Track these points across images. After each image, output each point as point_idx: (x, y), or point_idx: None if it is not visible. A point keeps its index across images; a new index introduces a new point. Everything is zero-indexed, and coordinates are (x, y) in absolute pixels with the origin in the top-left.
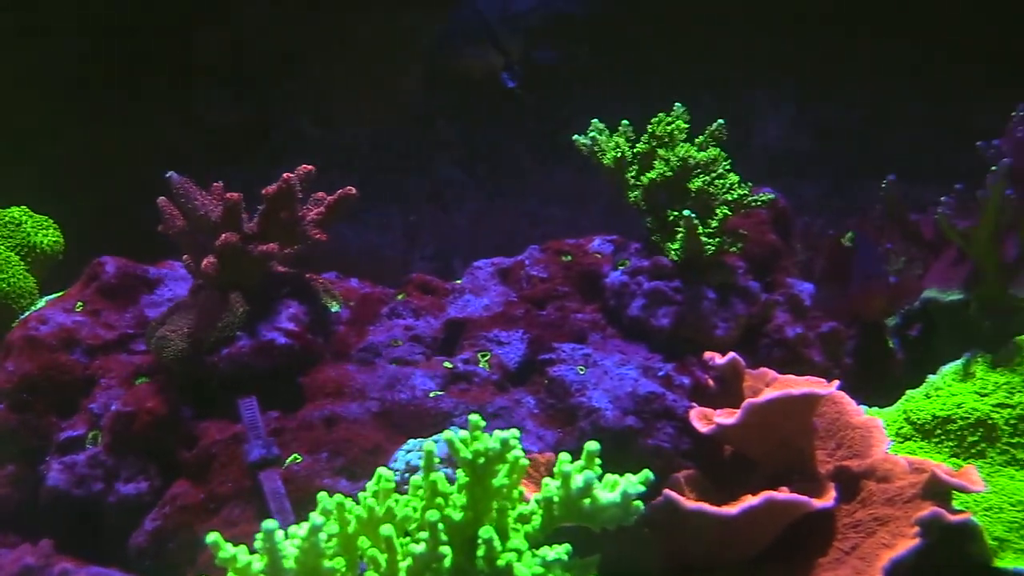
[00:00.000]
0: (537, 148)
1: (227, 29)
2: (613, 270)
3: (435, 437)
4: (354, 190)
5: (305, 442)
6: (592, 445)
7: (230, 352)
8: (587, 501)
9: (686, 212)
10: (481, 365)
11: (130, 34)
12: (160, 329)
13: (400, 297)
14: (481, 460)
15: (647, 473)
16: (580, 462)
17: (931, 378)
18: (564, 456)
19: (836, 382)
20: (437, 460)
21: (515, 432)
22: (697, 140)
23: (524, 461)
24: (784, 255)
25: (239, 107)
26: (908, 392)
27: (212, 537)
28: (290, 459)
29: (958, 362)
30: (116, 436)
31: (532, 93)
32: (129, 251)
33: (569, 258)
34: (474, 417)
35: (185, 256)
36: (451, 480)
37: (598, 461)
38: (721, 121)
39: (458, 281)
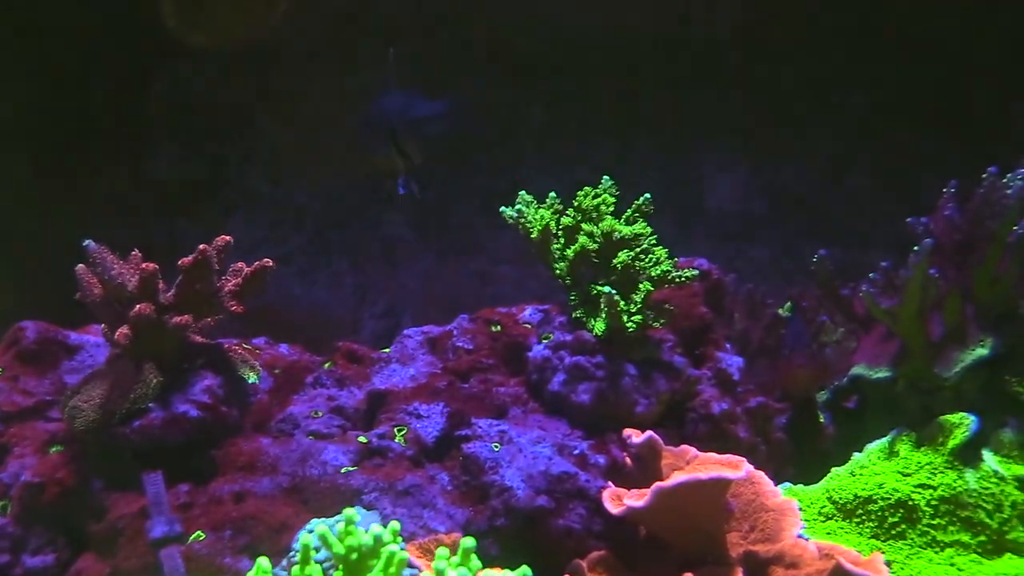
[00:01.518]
0: (488, 207)
1: (178, 85)
2: (538, 343)
3: (309, 527)
4: (271, 262)
5: (212, 518)
6: (468, 541)
7: (142, 424)
8: None
9: (606, 289)
10: (397, 440)
11: (80, 88)
12: (74, 398)
13: (327, 366)
14: (354, 556)
15: (525, 569)
16: (456, 558)
17: (857, 456)
18: (441, 552)
19: (747, 465)
20: (314, 552)
21: (394, 526)
22: (624, 214)
23: (402, 556)
24: (715, 328)
25: (190, 163)
26: (833, 470)
27: None
28: (193, 536)
29: (883, 440)
30: (25, 506)
31: (428, 196)
32: (73, 311)
33: (499, 328)
34: (349, 511)
35: (103, 325)
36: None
37: (474, 557)
38: (647, 196)
39: (387, 350)
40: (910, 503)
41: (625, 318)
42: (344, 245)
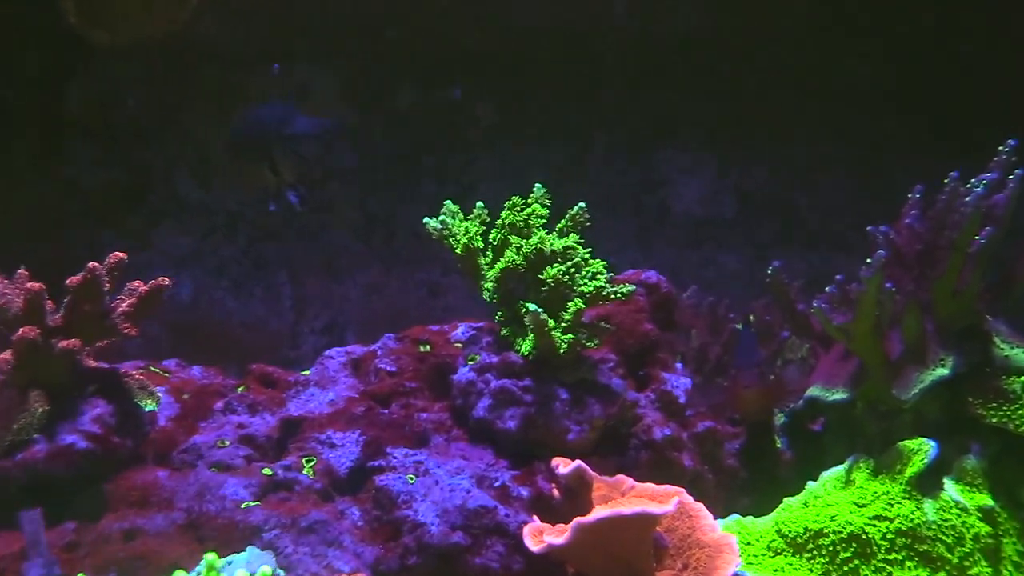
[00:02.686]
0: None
1: (100, 85)
2: (464, 365)
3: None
4: (167, 281)
5: (98, 558)
6: None
7: (24, 457)
8: None
9: (531, 307)
10: (305, 471)
11: None
12: None
13: (240, 390)
14: None
15: None
16: None
17: (811, 485)
18: None
19: (681, 497)
20: None
21: (265, 570)
22: (558, 226)
23: None
24: (661, 347)
25: (113, 168)
26: (785, 500)
27: None
28: None
29: (840, 468)
30: None
31: (304, 212)
32: None
33: (427, 348)
34: (210, 557)
35: None
36: None
37: None
38: (582, 205)
39: (307, 372)
40: (864, 536)
41: (556, 337)
42: (281, 255)
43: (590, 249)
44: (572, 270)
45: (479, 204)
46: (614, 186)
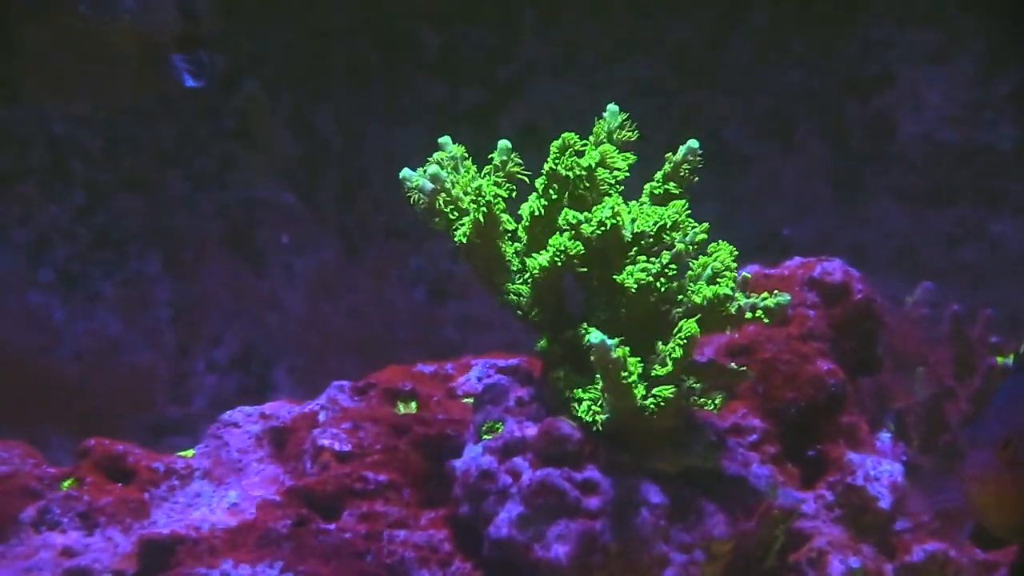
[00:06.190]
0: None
1: None
2: (474, 441)
3: None
4: None
5: None
6: None
7: None
8: None
9: (595, 336)
10: None
11: None
12: None
13: (66, 485)
14: None
15: None
16: None
17: None
18: None
19: None
20: None
21: None
22: (649, 185)
23: None
24: (848, 402)
25: None
26: None
27: None
28: None
29: None
30: None
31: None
32: None
33: (412, 406)
34: None
35: None
36: None
37: None
38: (693, 143)
39: (189, 452)
40: None
41: (640, 392)
42: (150, 222)
43: (704, 225)
44: (673, 266)
45: (503, 143)
46: (784, 92)
